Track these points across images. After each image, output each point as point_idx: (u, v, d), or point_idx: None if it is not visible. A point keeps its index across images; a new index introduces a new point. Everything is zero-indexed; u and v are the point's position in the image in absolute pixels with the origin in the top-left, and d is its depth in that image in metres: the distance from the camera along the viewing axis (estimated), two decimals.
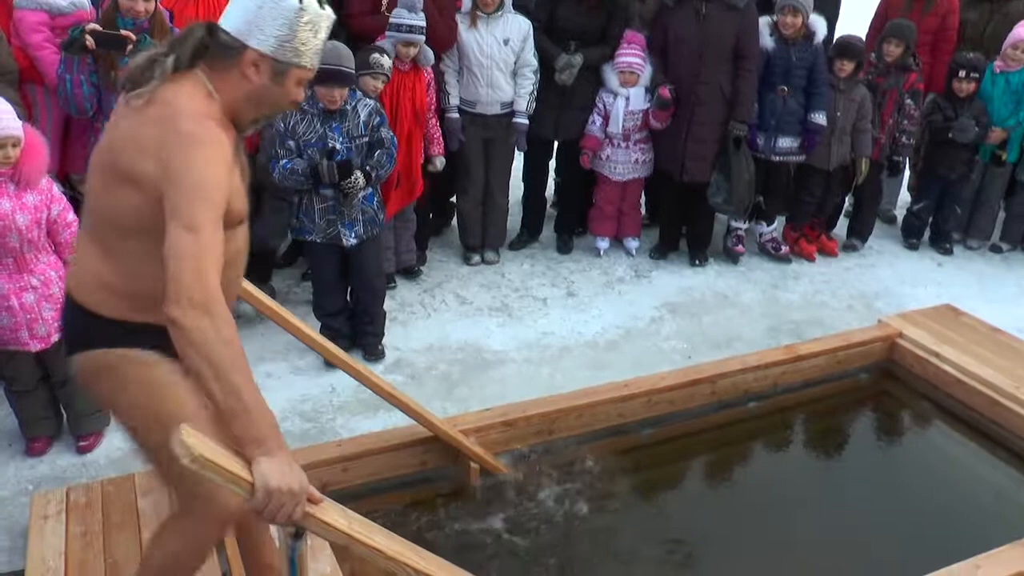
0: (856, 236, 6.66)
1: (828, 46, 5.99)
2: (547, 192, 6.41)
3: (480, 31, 5.34)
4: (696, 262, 6.15)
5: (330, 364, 4.06)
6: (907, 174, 7.07)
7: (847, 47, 5.89)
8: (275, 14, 2.04)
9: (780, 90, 5.74)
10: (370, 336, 4.78)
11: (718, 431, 4.47)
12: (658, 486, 4.03)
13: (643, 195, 6.41)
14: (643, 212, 6.47)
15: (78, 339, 2.24)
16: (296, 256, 5.56)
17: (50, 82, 4.17)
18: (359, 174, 4.35)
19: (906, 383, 4.94)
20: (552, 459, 4.08)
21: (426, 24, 4.89)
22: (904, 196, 7.25)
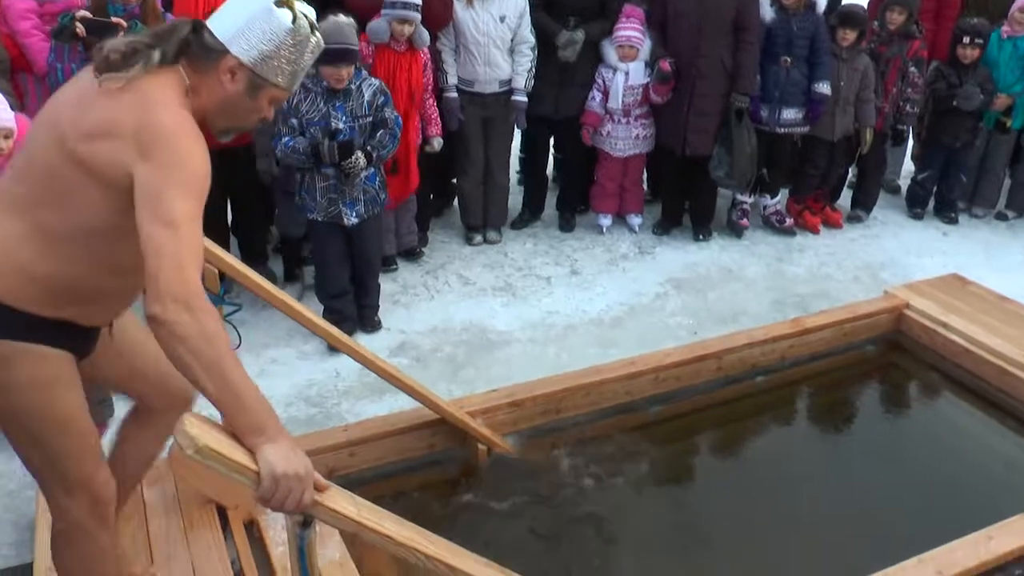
0: (860, 207, 6.61)
1: (830, 15, 5.92)
2: (547, 170, 6.36)
3: (476, 9, 5.27)
4: (700, 237, 6.11)
5: (334, 348, 4.03)
6: (911, 143, 7.02)
7: (849, 16, 5.83)
8: (264, 28, 2.00)
9: (783, 61, 5.68)
10: (366, 308, 4.80)
11: (726, 407, 4.45)
12: (667, 463, 4.00)
13: (645, 171, 6.36)
14: (645, 188, 6.42)
15: None
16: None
17: (38, 70, 4.12)
18: (360, 155, 4.32)
19: (913, 354, 4.92)
20: (560, 438, 4.06)
21: (421, 3, 4.82)
22: (908, 166, 7.21)
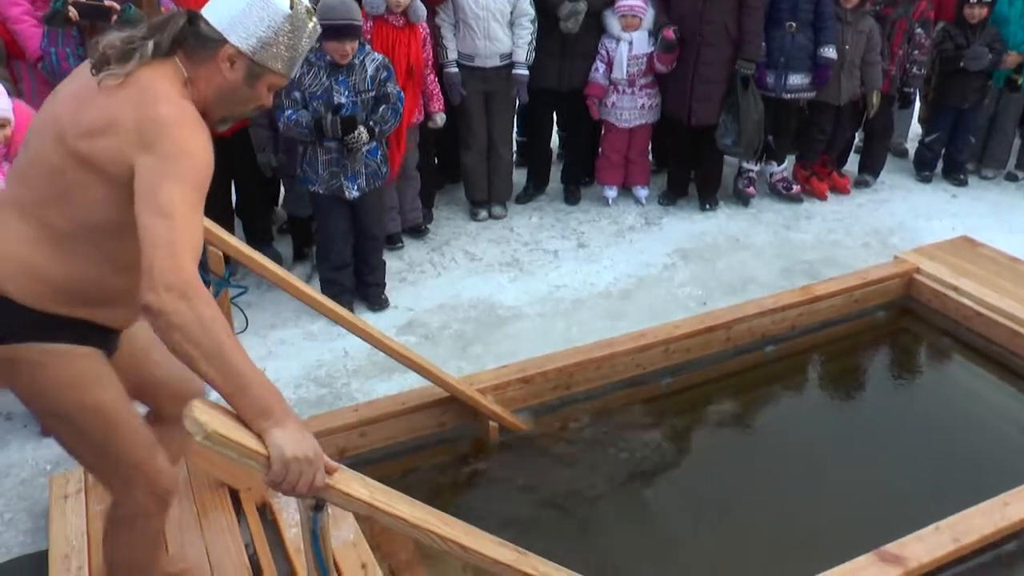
0: (868, 172, 6.56)
1: None
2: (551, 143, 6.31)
3: None
4: (706, 206, 6.07)
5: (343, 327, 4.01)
6: (917, 106, 6.95)
7: None
8: (262, 15, 1.99)
9: (788, 26, 5.60)
10: (372, 287, 4.79)
11: (737, 377, 4.42)
12: (679, 435, 3.99)
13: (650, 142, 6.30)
14: (650, 159, 6.36)
15: None
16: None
17: (30, 55, 4.08)
18: (363, 129, 4.32)
19: (925, 319, 4.89)
20: (571, 413, 4.05)
21: None
22: (915, 129, 7.14)
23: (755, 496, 3.60)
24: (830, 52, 5.64)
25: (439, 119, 5.25)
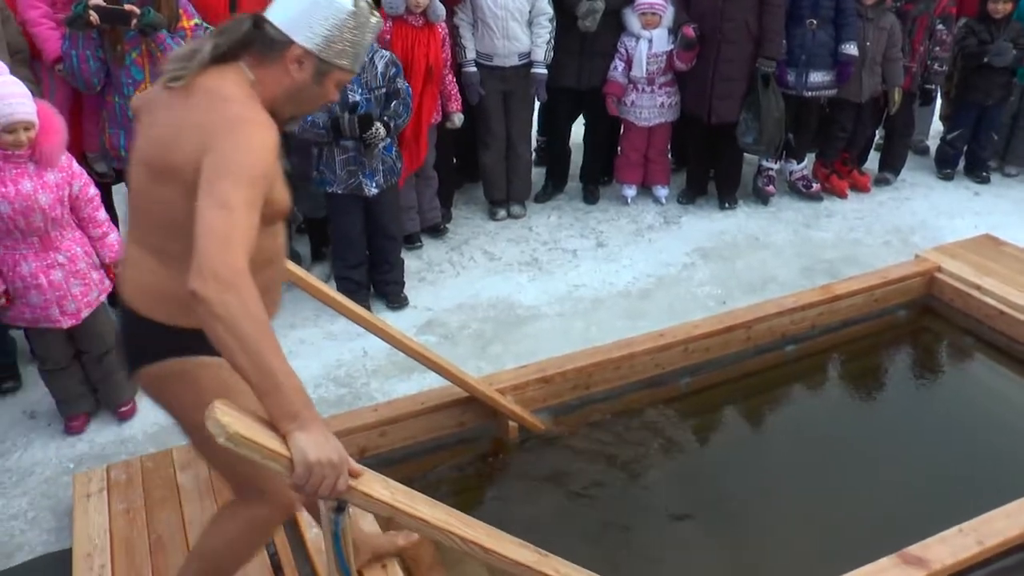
0: (888, 169, 6.51)
1: None
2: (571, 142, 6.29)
3: None
4: (726, 205, 6.04)
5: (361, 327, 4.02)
6: (939, 103, 6.89)
7: None
8: (326, 13, 2.02)
9: (809, 23, 5.56)
10: (392, 284, 4.82)
11: (757, 377, 4.40)
12: (699, 436, 3.97)
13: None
14: (670, 158, 6.34)
15: (146, 352, 2.15)
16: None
17: (47, 58, 4.10)
18: (379, 125, 4.35)
19: (947, 318, 4.85)
20: (590, 413, 4.04)
21: None
22: (936, 126, 7.08)
23: (776, 497, 3.58)
24: (851, 49, 5.60)
25: (457, 119, 5.25)
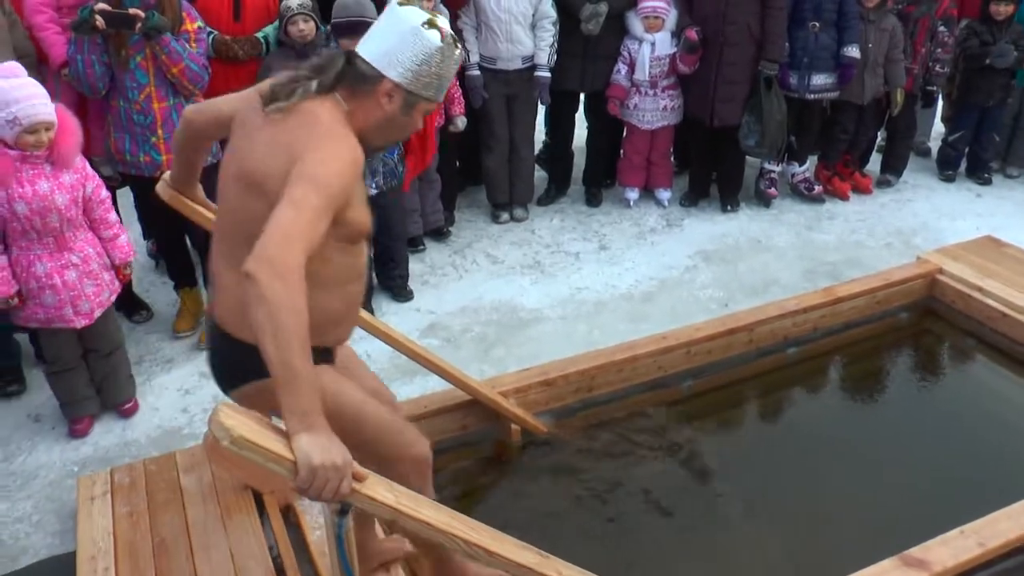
0: (890, 171, 6.51)
1: None
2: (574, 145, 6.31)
3: None
4: (728, 207, 6.05)
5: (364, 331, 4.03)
6: (940, 105, 6.89)
7: None
8: (415, 49, 2.12)
9: (812, 26, 5.58)
10: (397, 278, 4.91)
11: (759, 379, 4.41)
12: (701, 438, 3.97)
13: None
14: (672, 161, 6.35)
15: (239, 372, 2.21)
16: None
17: (52, 62, 4.12)
18: None
19: (949, 320, 4.85)
20: (593, 416, 4.05)
21: None
22: (938, 127, 7.09)
23: (778, 499, 3.59)
24: (854, 51, 5.61)
25: (460, 122, 5.26)
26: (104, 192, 3.66)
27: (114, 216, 3.74)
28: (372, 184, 4.49)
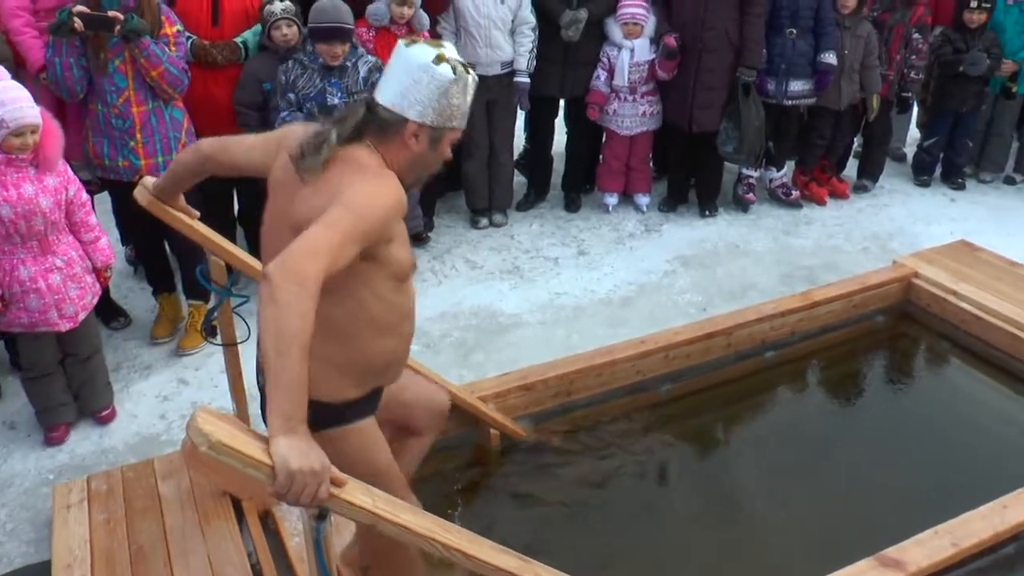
0: (867, 176, 6.58)
1: None
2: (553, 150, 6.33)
3: None
4: (706, 213, 6.09)
5: None
6: (915, 111, 6.97)
7: None
8: (431, 86, 2.14)
9: (789, 33, 5.63)
10: None
11: (737, 383, 4.44)
12: (680, 442, 4.00)
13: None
14: (651, 167, 6.38)
15: None
16: None
17: (30, 67, 4.09)
18: None
19: (924, 323, 4.91)
20: (572, 420, 4.06)
21: None
22: (913, 133, 7.17)
23: (755, 501, 3.62)
24: (830, 58, 5.67)
25: None
26: (85, 195, 3.65)
27: (95, 219, 3.73)
28: None
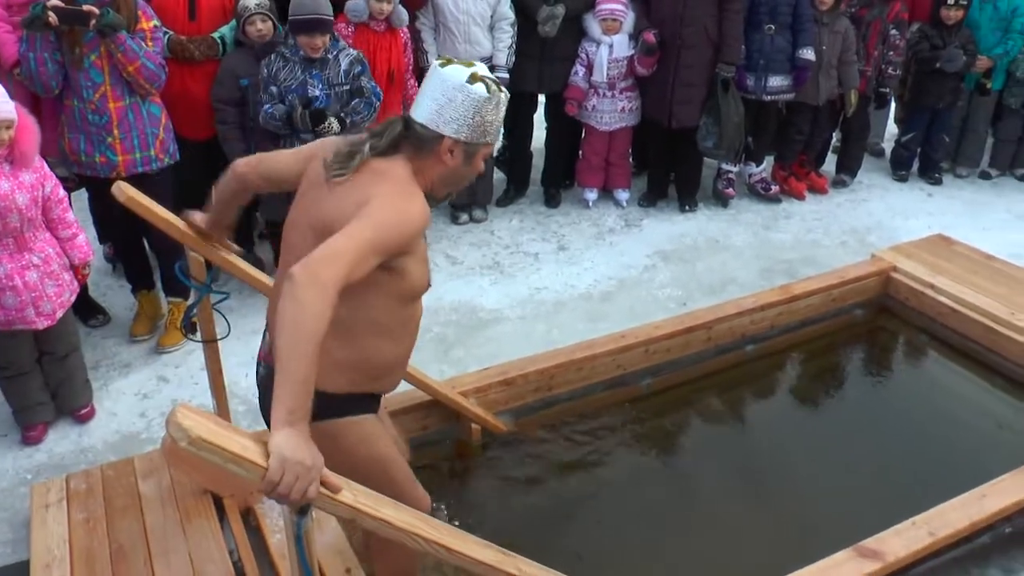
0: (845, 171, 6.62)
1: None
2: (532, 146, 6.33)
3: None
4: (686, 208, 6.11)
5: None
6: (893, 107, 7.02)
7: None
8: (466, 104, 2.21)
9: (767, 28, 5.66)
10: None
11: (717, 376, 4.47)
12: (660, 435, 4.02)
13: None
14: (630, 162, 6.39)
15: None
16: None
17: (3, 62, 4.03)
18: (333, 121, 4.42)
19: (902, 317, 4.95)
20: (553, 415, 4.07)
21: None
22: (891, 128, 7.22)
23: (735, 494, 3.64)
24: (808, 54, 5.70)
25: None
26: (61, 191, 3.62)
27: (72, 216, 3.70)
28: None
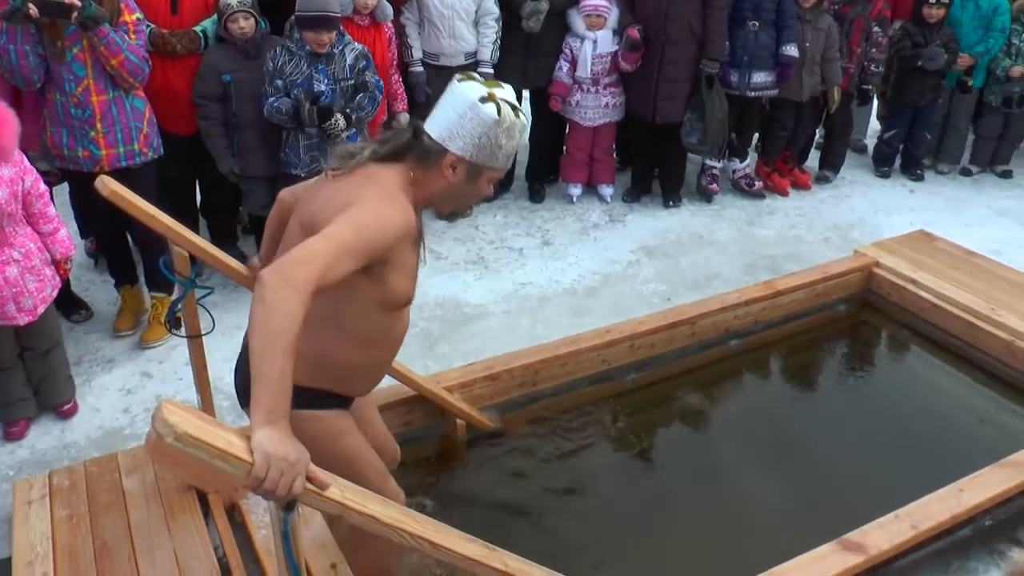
0: (828, 167, 6.66)
1: None
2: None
3: None
4: (670, 203, 6.13)
5: None
6: (875, 103, 7.07)
7: None
8: (475, 123, 2.23)
9: (751, 25, 5.68)
10: None
11: (701, 371, 4.48)
12: (645, 430, 4.03)
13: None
14: (615, 157, 6.40)
15: None
16: None
17: None
18: (339, 117, 4.44)
19: (885, 312, 4.99)
20: (537, 410, 4.08)
21: None
22: (874, 125, 7.27)
23: (720, 487, 3.66)
24: (792, 50, 5.73)
25: (403, 119, 5.24)
26: (42, 186, 3.59)
27: (53, 210, 3.66)
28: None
